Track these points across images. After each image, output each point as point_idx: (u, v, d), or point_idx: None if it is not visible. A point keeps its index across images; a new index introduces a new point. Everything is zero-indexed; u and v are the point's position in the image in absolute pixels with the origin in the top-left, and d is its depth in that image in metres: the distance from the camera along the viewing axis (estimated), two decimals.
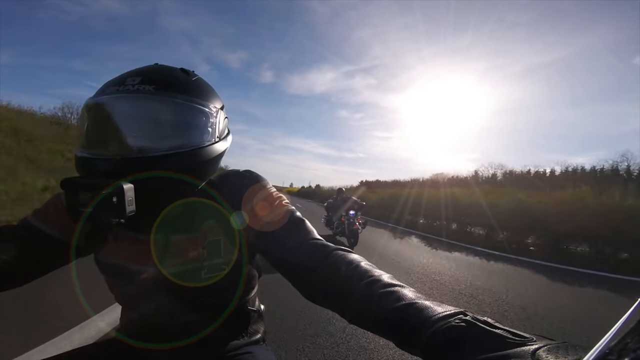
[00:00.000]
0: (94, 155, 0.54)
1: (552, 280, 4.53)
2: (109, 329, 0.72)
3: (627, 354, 0.16)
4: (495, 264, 5.43)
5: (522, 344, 0.28)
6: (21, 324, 1.97)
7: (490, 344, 0.29)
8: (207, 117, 0.60)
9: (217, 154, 0.62)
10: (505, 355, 0.27)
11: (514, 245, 7.31)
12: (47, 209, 0.62)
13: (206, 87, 0.64)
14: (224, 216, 0.60)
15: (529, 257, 6.13)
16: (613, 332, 0.18)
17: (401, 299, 0.39)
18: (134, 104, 0.55)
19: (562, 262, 5.75)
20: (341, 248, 0.51)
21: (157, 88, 0.55)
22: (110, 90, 0.55)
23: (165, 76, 0.58)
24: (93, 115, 0.56)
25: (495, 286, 3.87)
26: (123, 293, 0.64)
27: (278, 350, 1.94)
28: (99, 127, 0.56)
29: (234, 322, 0.67)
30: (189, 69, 0.64)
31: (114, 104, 0.55)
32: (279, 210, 0.58)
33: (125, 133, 0.55)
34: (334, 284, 0.46)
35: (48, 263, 0.61)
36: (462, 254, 6.27)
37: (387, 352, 2.03)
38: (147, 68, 0.60)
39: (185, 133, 0.57)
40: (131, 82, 0.55)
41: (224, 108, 0.67)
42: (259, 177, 0.64)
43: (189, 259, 0.59)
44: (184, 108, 0.57)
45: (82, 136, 0.57)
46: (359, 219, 6.21)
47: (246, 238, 0.60)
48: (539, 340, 0.28)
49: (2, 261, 0.54)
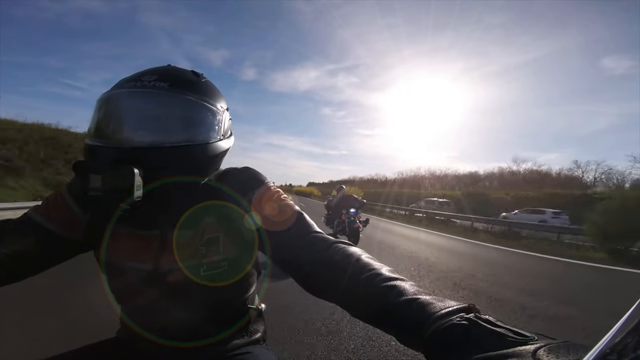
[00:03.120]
0: (106, 144, 0.56)
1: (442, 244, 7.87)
2: (108, 328, 0.72)
3: (627, 354, 0.16)
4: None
5: (523, 343, 0.28)
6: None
7: (492, 343, 0.29)
8: (214, 116, 0.63)
9: (221, 151, 0.64)
10: (506, 354, 0.27)
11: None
12: (48, 205, 0.62)
13: (214, 89, 0.67)
14: (223, 213, 0.61)
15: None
16: (613, 332, 0.18)
17: (403, 293, 0.39)
18: (150, 98, 0.58)
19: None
20: (341, 241, 0.52)
21: (171, 85, 0.58)
22: (127, 85, 0.58)
23: (179, 76, 0.62)
24: (108, 107, 0.59)
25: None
26: (122, 291, 0.64)
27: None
28: (113, 117, 0.58)
29: (233, 321, 0.67)
30: (199, 72, 0.67)
31: (131, 97, 0.58)
32: (285, 210, 0.59)
33: (138, 124, 0.58)
34: (335, 278, 0.47)
35: (48, 259, 0.61)
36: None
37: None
38: (161, 68, 0.63)
39: (194, 128, 0.60)
40: (147, 79, 0.58)
41: (228, 109, 0.70)
42: (260, 175, 0.65)
43: (187, 256, 0.59)
44: (194, 105, 0.60)
45: (93, 126, 0.58)
46: (360, 217, 6.09)
47: (246, 236, 0.60)
48: (541, 340, 0.28)
49: (4, 256, 0.54)
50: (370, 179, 52.63)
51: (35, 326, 2.04)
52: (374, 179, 49.17)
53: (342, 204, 6.27)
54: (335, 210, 6.47)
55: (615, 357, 0.17)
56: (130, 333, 0.66)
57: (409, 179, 35.15)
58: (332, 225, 6.52)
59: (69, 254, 0.63)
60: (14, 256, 0.56)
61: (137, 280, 0.60)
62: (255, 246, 0.61)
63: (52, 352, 0.60)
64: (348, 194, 6.58)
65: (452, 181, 31.27)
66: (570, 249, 8.18)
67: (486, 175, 34.27)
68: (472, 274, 4.47)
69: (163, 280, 0.59)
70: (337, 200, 6.55)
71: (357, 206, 6.10)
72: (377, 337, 2.17)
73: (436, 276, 4.21)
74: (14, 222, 0.60)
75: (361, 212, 6.25)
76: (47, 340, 1.85)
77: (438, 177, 35.47)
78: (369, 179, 52.84)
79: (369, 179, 52.84)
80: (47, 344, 1.81)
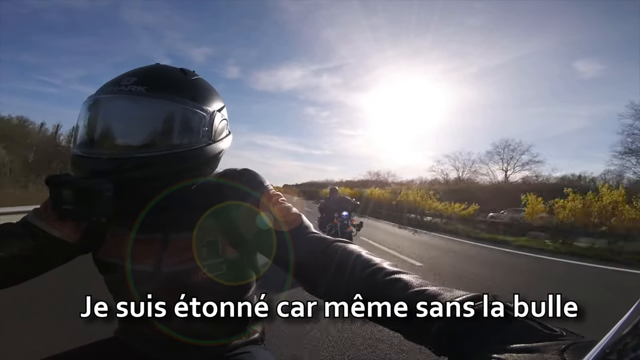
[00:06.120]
0: (84, 153, 0.55)
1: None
2: (108, 328, 0.72)
3: (627, 354, 0.16)
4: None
5: (551, 338, 0.26)
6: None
7: (514, 335, 0.27)
8: (199, 118, 0.59)
9: (211, 155, 0.62)
10: (531, 349, 0.25)
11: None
12: (46, 207, 0.61)
13: (204, 88, 0.64)
14: (222, 215, 0.60)
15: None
16: (613, 332, 0.18)
17: (408, 286, 0.38)
18: (124, 104, 0.56)
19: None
20: (340, 240, 0.52)
21: (148, 89, 0.55)
22: (106, 89, 0.56)
23: (161, 77, 0.59)
24: (87, 114, 0.57)
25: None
26: (121, 292, 0.64)
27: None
28: (91, 125, 0.57)
29: (232, 322, 0.67)
30: (190, 69, 0.64)
31: (106, 103, 0.56)
32: (289, 212, 0.59)
33: (114, 132, 0.56)
34: (336, 276, 0.46)
35: (48, 261, 0.60)
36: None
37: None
38: (145, 68, 0.60)
39: (174, 134, 0.57)
40: (125, 82, 0.55)
41: (223, 109, 0.67)
42: (261, 177, 0.65)
43: (187, 258, 0.59)
44: (173, 109, 0.57)
45: (76, 134, 0.58)
46: (353, 220, 5.87)
47: (247, 237, 0.60)
48: (569, 336, 0.26)
49: (3, 259, 0.53)
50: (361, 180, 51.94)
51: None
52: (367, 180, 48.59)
53: (334, 206, 5.95)
54: (328, 213, 6.12)
55: (615, 357, 0.17)
56: (129, 333, 0.65)
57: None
58: (323, 229, 6.06)
59: (69, 256, 0.62)
60: (13, 259, 0.55)
61: (137, 282, 0.59)
62: (254, 247, 0.61)
63: (51, 352, 0.60)
64: (341, 196, 6.28)
65: (442, 186, 31.60)
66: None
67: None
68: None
69: (162, 281, 0.59)
70: (329, 202, 6.22)
71: (350, 209, 5.85)
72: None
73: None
74: (12, 226, 0.59)
75: (354, 215, 6.00)
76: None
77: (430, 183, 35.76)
78: (362, 180, 52.06)
79: (362, 180, 52.06)
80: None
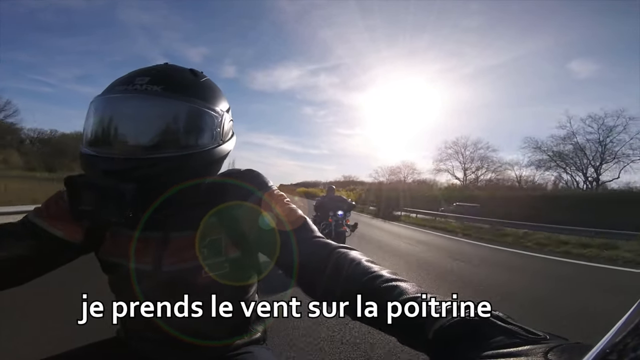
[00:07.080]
0: (98, 153, 0.54)
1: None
2: (108, 328, 0.71)
3: (627, 354, 0.17)
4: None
5: (535, 342, 0.27)
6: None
7: (500, 340, 0.28)
8: (212, 120, 0.60)
9: (220, 156, 0.62)
10: (517, 353, 0.26)
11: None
12: (49, 207, 0.61)
13: (214, 89, 0.64)
14: (225, 215, 0.60)
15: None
16: (613, 332, 0.19)
17: (404, 293, 0.39)
18: (141, 103, 0.55)
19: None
20: (342, 246, 0.53)
21: (164, 89, 0.54)
22: (118, 89, 0.55)
23: (174, 77, 0.58)
24: (100, 113, 0.56)
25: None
26: (123, 291, 0.63)
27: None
28: (104, 125, 0.56)
29: (234, 321, 0.67)
30: (198, 70, 0.64)
31: (121, 102, 0.55)
32: (293, 214, 0.60)
33: (130, 132, 0.55)
34: (336, 282, 0.47)
35: (49, 261, 0.60)
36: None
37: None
38: (156, 68, 0.60)
39: (189, 135, 0.57)
40: (140, 81, 0.54)
41: (229, 110, 0.67)
42: (265, 177, 0.65)
43: (188, 257, 0.59)
44: (190, 110, 0.57)
45: (87, 133, 0.56)
46: (348, 220, 5.84)
47: (249, 237, 0.61)
48: (552, 340, 0.27)
49: (4, 259, 0.53)
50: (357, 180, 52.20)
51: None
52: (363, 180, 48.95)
53: (329, 205, 5.90)
54: (323, 212, 6.05)
55: (615, 357, 0.17)
56: (130, 333, 0.65)
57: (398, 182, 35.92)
58: (318, 228, 6.03)
59: (70, 256, 0.62)
60: (15, 260, 0.54)
61: (138, 281, 0.59)
62: (256, 247, 0.61)
63: (51, 352, 0.59)
64: (337, 195, 6.25)
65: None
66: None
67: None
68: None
69: (164, 281, 0.59)
70: (325, 201, 6.18)
71: (345, 208, 5.81)
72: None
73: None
74: (14, 225, 0.59)
75: (349, 215, 5.96)
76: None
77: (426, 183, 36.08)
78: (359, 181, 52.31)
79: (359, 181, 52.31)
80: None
